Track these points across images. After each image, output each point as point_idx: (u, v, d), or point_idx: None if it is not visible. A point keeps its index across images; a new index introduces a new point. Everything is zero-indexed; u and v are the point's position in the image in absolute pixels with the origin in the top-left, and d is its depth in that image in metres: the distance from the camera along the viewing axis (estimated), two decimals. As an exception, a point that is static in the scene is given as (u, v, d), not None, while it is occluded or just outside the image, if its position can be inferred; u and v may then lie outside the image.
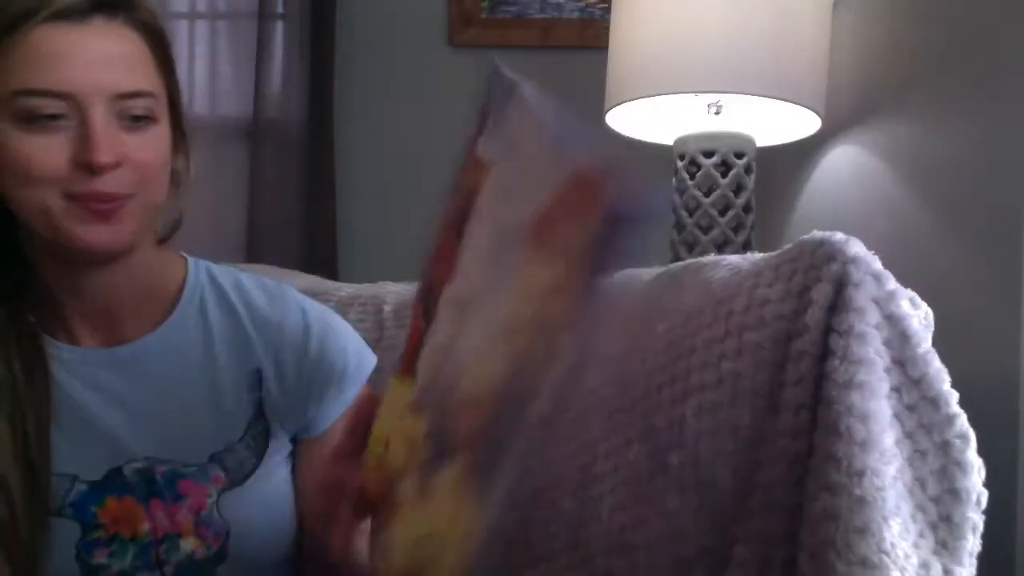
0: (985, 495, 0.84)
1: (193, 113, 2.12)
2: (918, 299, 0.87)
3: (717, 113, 1.60)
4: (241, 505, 0.93)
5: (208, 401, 0.94)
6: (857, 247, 0.86)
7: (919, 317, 0.85)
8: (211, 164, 2.14)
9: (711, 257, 1.05)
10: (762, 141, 1.67)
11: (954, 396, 0.84)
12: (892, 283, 0.85)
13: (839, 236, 0.87)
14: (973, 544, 0.84)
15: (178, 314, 0.95)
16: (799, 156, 1.77)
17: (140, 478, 0.92)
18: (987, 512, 0.84)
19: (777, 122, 1.65)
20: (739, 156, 1.61)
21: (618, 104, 1.61)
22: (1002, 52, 1.29)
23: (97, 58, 0.83)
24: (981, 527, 0.84)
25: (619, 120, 1.68)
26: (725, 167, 1.61)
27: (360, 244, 2.22)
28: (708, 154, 1.61)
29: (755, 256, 0.98)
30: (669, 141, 1.70)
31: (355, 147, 2.22)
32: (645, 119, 1.70)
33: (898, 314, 0.84)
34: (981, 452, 0.84)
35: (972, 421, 0.84)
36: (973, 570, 0.84)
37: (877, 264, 0.85)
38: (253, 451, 0.94)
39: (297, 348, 0.96)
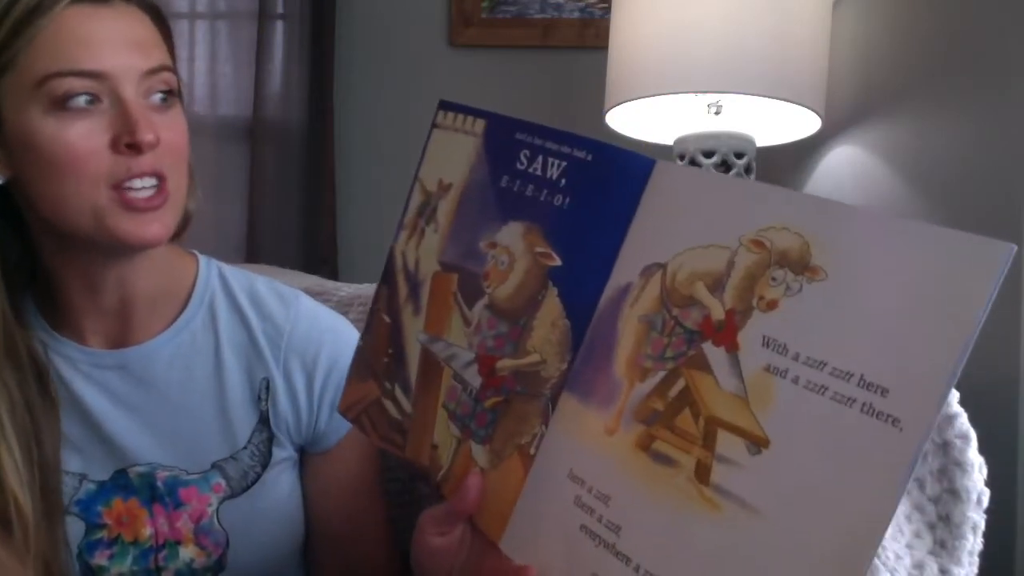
0: (987, 494, 0.84)
1: (193, 113, 2.12)
2: (918, 299, 0.86)
3: (717, 113, 1.60)
4: (241, 515, 0.92)
5: (213, 407, 0.92)
6: (857, 247, 0.85)
7: (919, 317, 0.85)
8: (211, 164, 2.15)
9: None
10: (762, 141, 1.67)
11: (954, 396, 0.84)
12: (892, 283, 0.84)
13: (839, 236, 0.87)
14: (974, 543, 0.84)
15: (187, 316, 0.93)
16: (799, 156, 1.77)
17: (143, 482, 0.91)
18: (987, 511, 0.84)
19: (777, 122, 1.65)
20: (739, 156, 1.61)
21: (618, 104, 1.61)
22: (1002, 52, 1.29)
23: (123, 38, 0.83)
24: (983, 526, 0.84)
25: (619, 120, 1.68)
26: (725, 167, 1.61)
27: (360, 244, 2.22)
28: (708, 154, 1.61)
29: (755, 256, 0.98)
30: (669, 141, 1.70)
31: (355, 147, 2.22)
32: (645, 119, 1.70)
33: (897, 314, 0.83)
34: (981, 451, 0.84)
35: (972, 421, 0.84)
36: (974, 569, 0.84)
37: (877, 264, 0.85)
38: (257, 461, 0.92)
39: (308, 359, 0.93)
